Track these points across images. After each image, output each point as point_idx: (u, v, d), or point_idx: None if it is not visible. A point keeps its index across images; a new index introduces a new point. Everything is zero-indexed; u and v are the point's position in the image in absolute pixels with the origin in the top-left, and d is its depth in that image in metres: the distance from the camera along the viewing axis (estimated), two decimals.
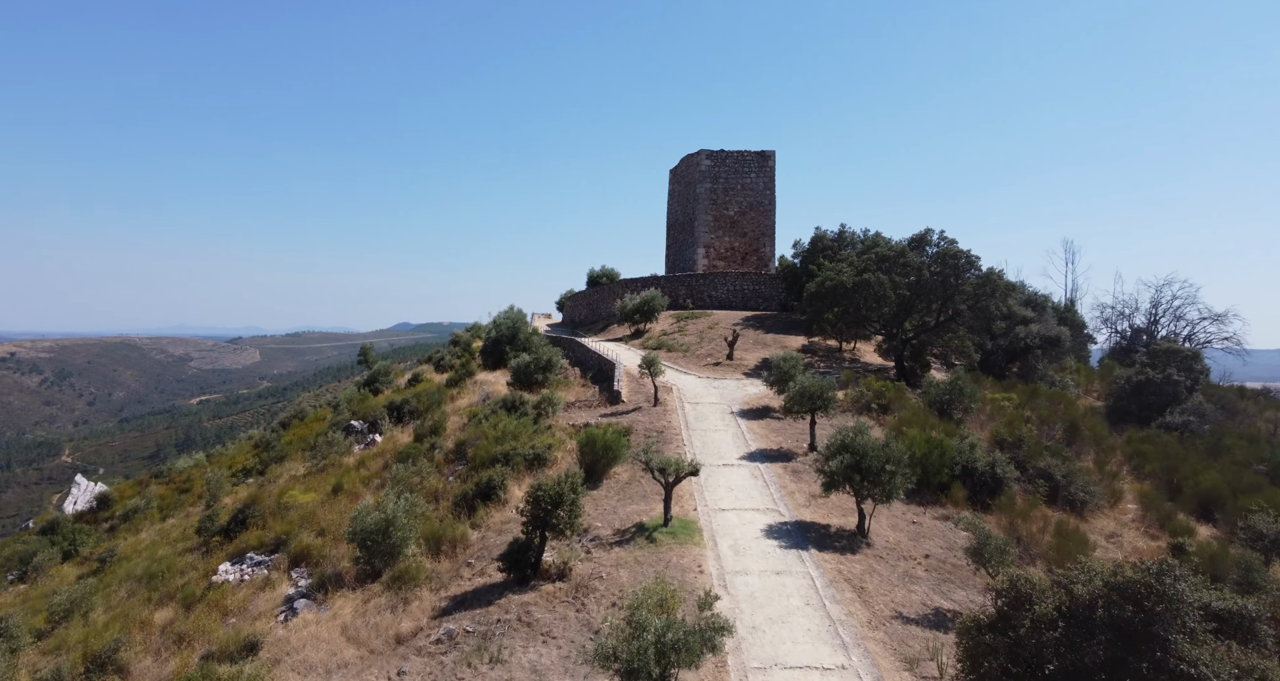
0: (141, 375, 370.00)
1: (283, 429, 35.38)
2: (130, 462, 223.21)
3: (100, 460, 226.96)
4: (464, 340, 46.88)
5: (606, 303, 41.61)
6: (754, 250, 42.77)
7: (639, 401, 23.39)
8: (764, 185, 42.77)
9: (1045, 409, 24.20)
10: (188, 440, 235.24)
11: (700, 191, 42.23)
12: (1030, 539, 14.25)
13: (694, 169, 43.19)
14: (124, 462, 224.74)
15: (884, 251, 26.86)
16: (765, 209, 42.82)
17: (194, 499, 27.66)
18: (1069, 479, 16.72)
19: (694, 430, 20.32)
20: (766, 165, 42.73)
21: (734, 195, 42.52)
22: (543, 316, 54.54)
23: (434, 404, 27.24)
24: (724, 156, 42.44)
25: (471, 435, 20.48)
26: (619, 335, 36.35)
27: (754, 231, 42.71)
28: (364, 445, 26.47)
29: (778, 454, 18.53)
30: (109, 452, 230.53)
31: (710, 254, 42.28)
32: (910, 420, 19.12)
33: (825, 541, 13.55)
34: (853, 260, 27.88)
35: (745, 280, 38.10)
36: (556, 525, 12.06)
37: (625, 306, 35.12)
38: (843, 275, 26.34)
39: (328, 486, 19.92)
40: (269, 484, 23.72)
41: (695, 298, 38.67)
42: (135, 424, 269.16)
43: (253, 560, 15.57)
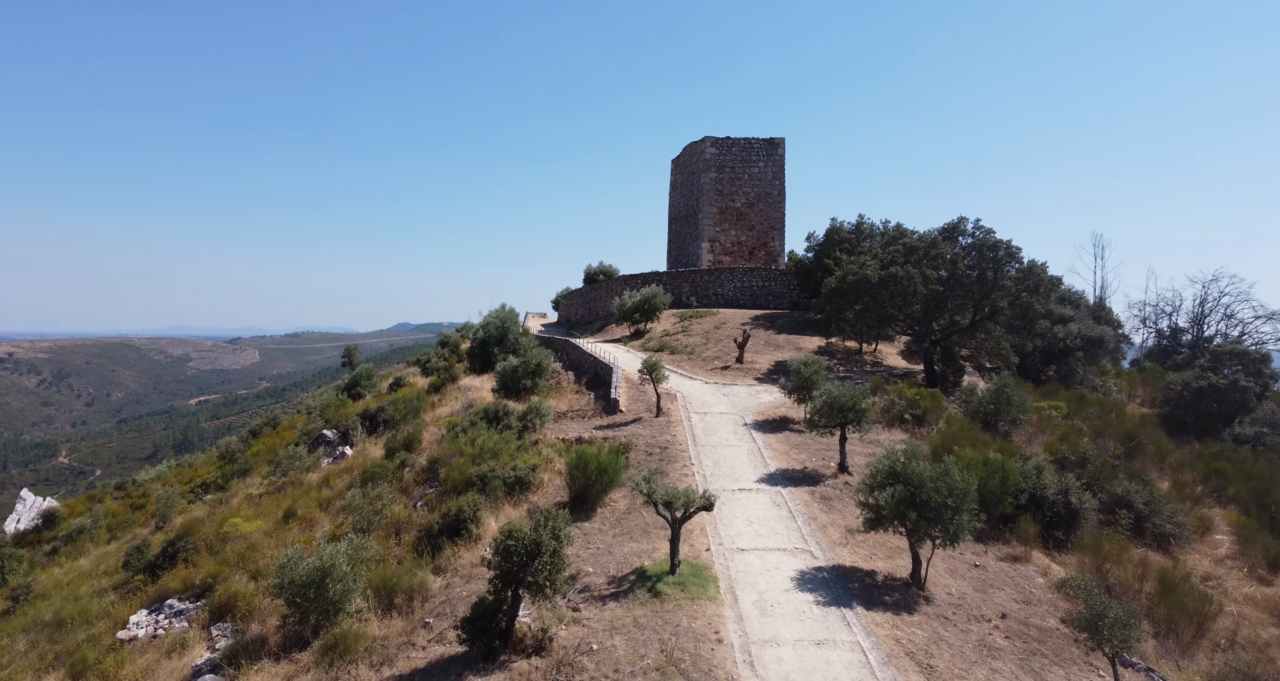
0: (140, 376, 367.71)
1: (253, 437, 32.68)
2: (127, 463, 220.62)
3: (97, 461, 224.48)
4: (452, 341, 44.15)
5: (604, 301, 38.89)
6: (762, 244, 40.02)
7: (639, 411, 20.68)
8: (773, 175, 40.01)
9: (1097, 419, 21.47)
10: (185, 441, 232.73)
11: (705, 182, 39.50)
12: (1123, 587, 11.52)
13: (698, 158, 40.45)
14: (121, 463, 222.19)
15: (912, 242, 24.12)
16: (774, 200, 40.06)
17: (146, 517, 24.96)
18: (1152, 507, 13.98)
19: (703, 446, 17.60)
20: (776, 153, 39.98)
21: (741, 186, 39.77)
22: (537, 316, 51.81)
23: (411, 412, 24.54)
24: (730, 144, 39.70)
25: (446, 452, 17.76)
26: (617, 336, 33.62)
27: (762, 224, 39.95)
28: (333, 458, 23.77)
29: (802, 475, 15.80)
30: (106, 453, 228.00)
31: (715, 249, 39.53)
32: (957, 435, 16.38)
33: (873, 595, 10.82)
34: (877, 253, 25.13)
35: (754, 276, 35.36)
36: (534, 582, 9.35)
37: (624, 305, 32.40)
38: (867, 269, 23.59)
39: (279, 511, 17.20)
40: (220, 505, 21.02)
41: (700, 295, 35.93)
42: (133, 424, 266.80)
43: (173, 609, 12.86)
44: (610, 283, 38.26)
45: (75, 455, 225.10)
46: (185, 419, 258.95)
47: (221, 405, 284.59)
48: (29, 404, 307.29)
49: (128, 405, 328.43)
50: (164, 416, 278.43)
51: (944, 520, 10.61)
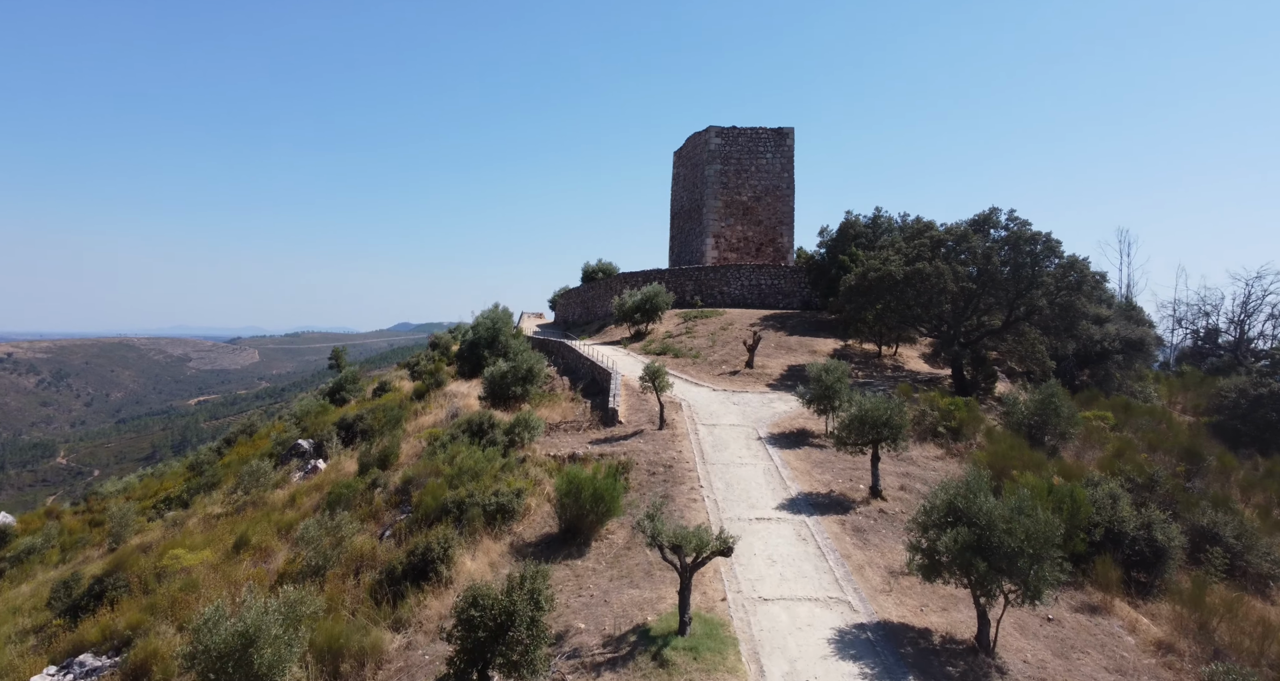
0: (139, 376, 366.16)
1: (227, 446, 30.57)
2: (125, 464, 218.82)
3: (95, 462, 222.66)
4: (443, 342, 42.05)
5: (603, 300, 36.79)
6: (770, 240, 37.89)
7: (640, 422, 18.58)
8: (781, 166, 37.87)
9: (1149, 431, 19.34)
10: (184, 441, 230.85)
11: (709, 174, 37.36)
12: (1238, 651, 9.41)
13: (702, 149, 38.32)
14: (119, 464, 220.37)
15: (940, 236, 22.00)
16: (783, 193, 37.92)
17: (103, 535, 22.87)
18: (1245, 542, 11.86)
19: (713, 464, 15.50)
20: (784, 144, 37.83)
21: (747, 178, 37.63)
22: (533, 316, 49.67)
23: (391, 422, 22.46)
24: (736, 134, 37.56)
25: (421, 470, 15.66)
26: (616, 338, 31.50)
27: (770, 219, 37.82)
28: (305, 472, 21.68)
29: (828, 500, 13.69)
30: (104, 454, 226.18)
31: (720, 245, 37.40)
32: (1005, 454, 14.25)
33: (931, 663, 8.72)
34: (901, 247, 22.99)
35: (762, 274, 33.22)
36: (506, 661, 7.26)
37: (623, 304, 30.29)
38: (891, 265, 21.46)
39: (231, 538, 15.11)
40: (175, 527, 18.93)
41: (704, 294, 33.81)
42: (132, 425, 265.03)
43: (84, 667, 10.77)
44: (609, 281, 36.15)
45: (73, 456, 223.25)
46: (184, 419, 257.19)
47: (220, 405, 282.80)
48: (28, 404, 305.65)
49: (127, 405, 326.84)
50: (163, 417, 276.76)
51: (1020, 571, 8.51)
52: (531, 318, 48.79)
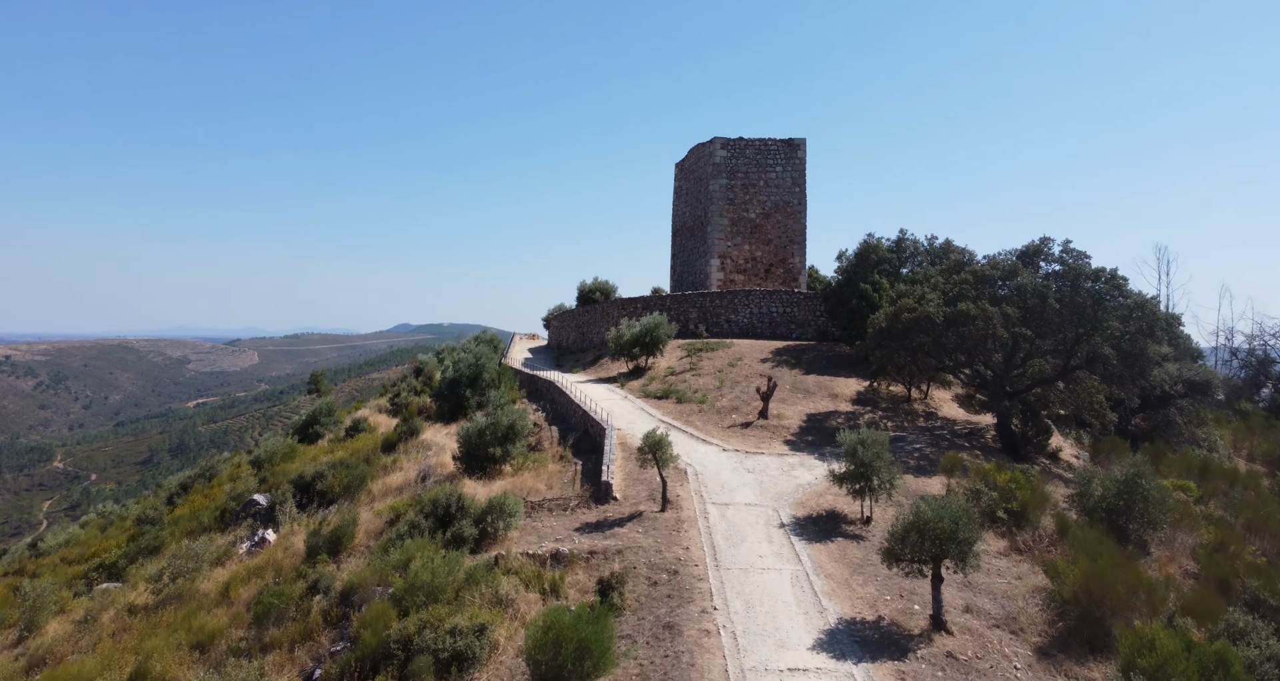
0: (138, 378, 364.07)
1: (183, 492, 27.65)
2: (123, 468, 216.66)
3: (92, 466, 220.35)
4: (429, 368, 39.16)
5: (599, 325, 33.90)
6: (780, 260, 34.97)
7: (639, 497, 15.69)
8: (792, 181, 34.96)
9: (1242, 505, 16.39)
10: (181, 445, 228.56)
11: (714, 189, 34.45)
12: None
13: (706, 162, 35.42)
14: (116, 468, 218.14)
15: (983, 270, 19.06)
16: (794, 210, 35.00)
17: (19, 614, 19.92)
18: None
19: (727, 569, 12.57)
20: (795, 156, 34.92)
21: (756, 193, 34.72)
22: (526, 337, 46.70)
23: (354, 483, 19.58)
24: (743, 146, 34.65)
25: (368, 578, 12.74)
26: (613, 373, 28.57)
27: (780, 237, 34.90)
28: (251, 544, 18.77)
29: (878, 635, 10.75)
30: (101, 458, 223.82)
31: (727, 266, 34.47)
32: (1097, 567, 11.27)
33: None
34: (938, 282, 20.04)
35: (773, 301, 30.30)
36: None
37: (620, 337, 27.37)
38: (928, 304, 18.53)
39: (128, 666, 12.18)
40: (86, 624, 16.00)
41: (710, 322, 30.89)
42: (130, 428, 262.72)
43: None
44: (606, 306, 33.23)
45: (70, 460, 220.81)
46: (183, 422, 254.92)
47: (219, 408, 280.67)
48: (25, 407, 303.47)
49: (125, 408, 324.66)
50: (161, 419, 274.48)
51: None
52: (524, 340, 45.86)
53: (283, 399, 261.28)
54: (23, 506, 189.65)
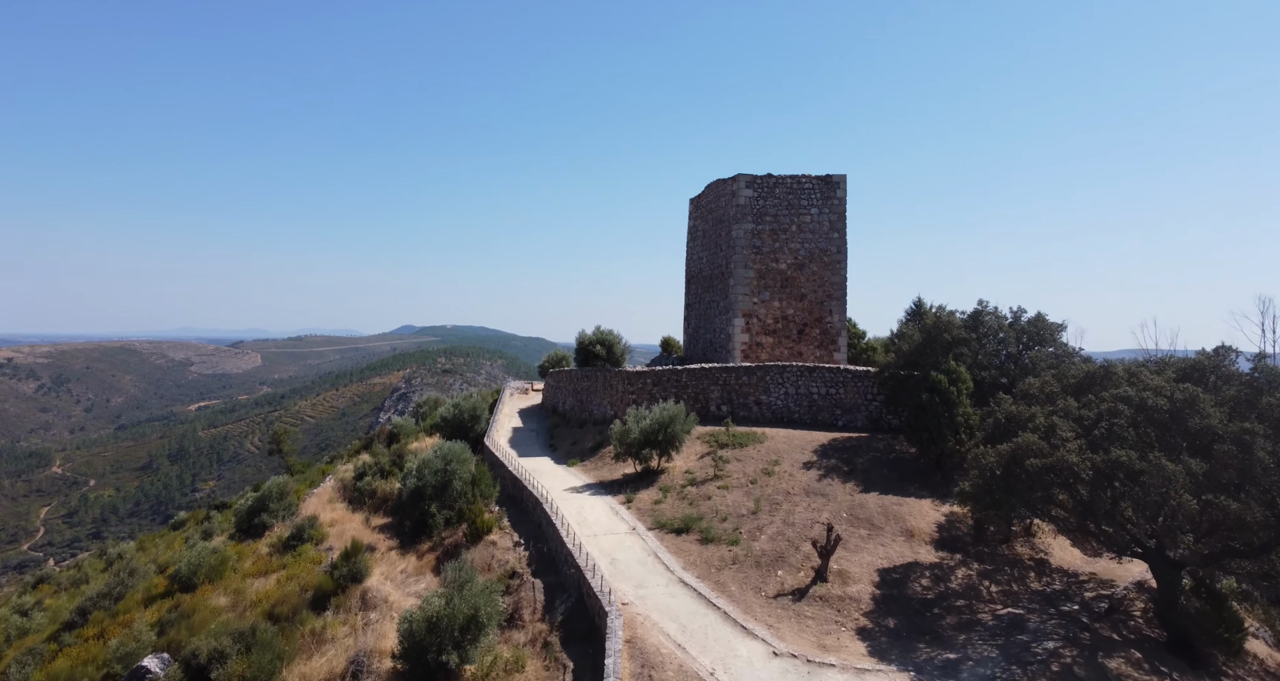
0: (141, 380, 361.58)
1: (82, 619, 22.31)
2: (122, 473, 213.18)
3: (91, 471, 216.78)
4: (406, 433, 33.86)
5: (600, 395, 28.56)
6: (815, 319, 29.51)
7: None
8: (830, 225, 29.49)
9: None
10: (181, 450, 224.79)
11: (738, 235, 29.01)
12: None
13: (728, 202, 29.99)
14: (115, 474, 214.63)
15: (1146, 399, 13.50)
16: (832, 259, 29.54)
17: None
18: None
19: None
20: (834, 196, 29.46)
21: (787, 240, 29.27)
22: (519, 391, 41.19)
23: (264, 670, 14.31)
24: (773, 184, 29.20)
25: None
26: (618, 474, 23.15)
27: (816, 292, 29.44)
28: None
29: None
30: (100, 463, 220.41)
31: (753, 326, 29.03)
32: None
33: None
34: (1068, 407, 14.52)
35: (814, 379, 24.85)
36: None
37: (628, 435, 21.98)
38: (1064, 445, 13.06)
39: None
40: None
41: (735, 403, 25.48)
42: (130, 432, 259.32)
43: None
44: (609, 376, 27.86)
45: (69, 465, 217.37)
46: (183, 426, 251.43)
47: (220, 412, 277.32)
48: (27, 410, 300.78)
49: (127, 410, 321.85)
50: (162, 423, 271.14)
51: None
52: (518, 394, 40.45)
53: (283, 403, 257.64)
54: (20, 513, 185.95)
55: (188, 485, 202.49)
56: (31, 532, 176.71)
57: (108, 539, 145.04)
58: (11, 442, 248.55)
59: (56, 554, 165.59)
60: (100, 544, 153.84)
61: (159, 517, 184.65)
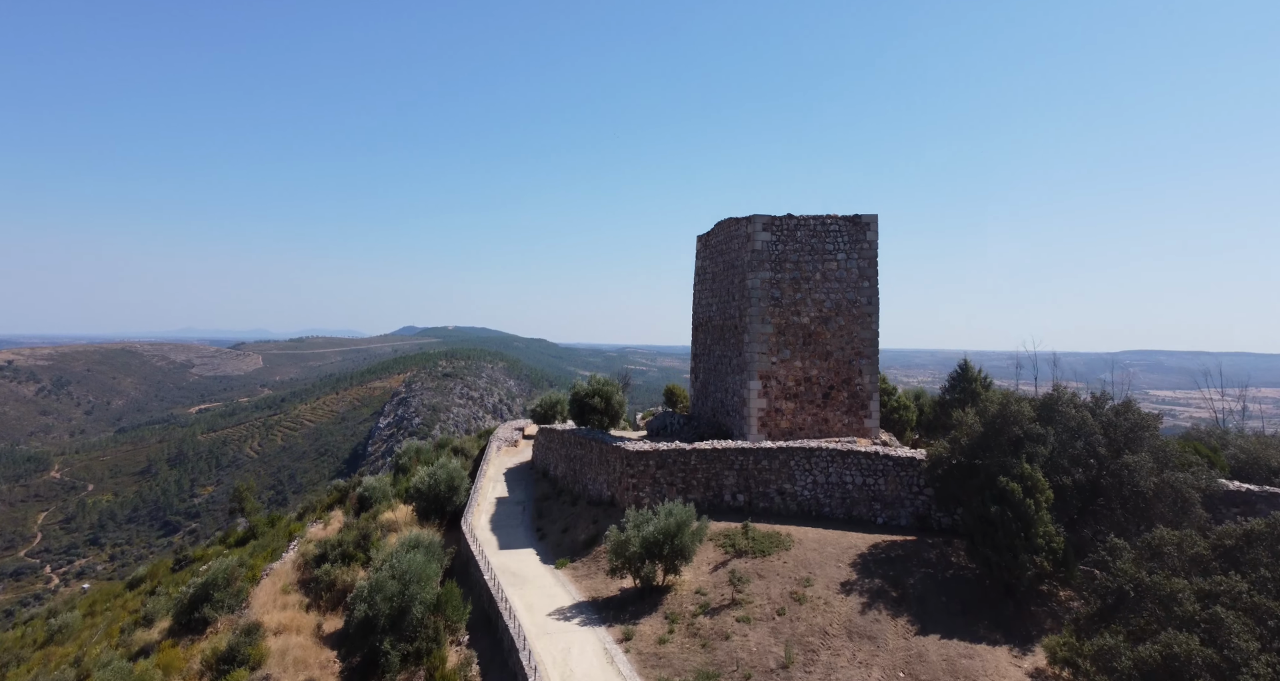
0: (141, 382, 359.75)
1: None
2: (120, 478, 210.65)
3: (90, 476, 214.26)
4: (378, 498, 30.08)
5: (595, 469, 24.79)
6: (843, 380, 25.64)
7: None
8: (859, 272, 25.59)
9: None
10: (180, 455, 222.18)
11: (753, 285, 25.14)
12: None
13: (741, 244, 26.12)
14: (114, 478, 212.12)
15: None
16: (861, 312, 25.64)
17: None
18: None
19: None
20: (863, 240, 25.55)
21: (810, 290, 25.40)
22: (506, 447, 37.23)
23: None
24: (794, 226, 25.30)
25: None
26: (614, 590, 19.27)
27: (844, 350, 25.56)
28: None
29: None
30: (99, 467, 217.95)
31: (772, 389, 25.17)
32: None
33: None
34: (1255, 595, 10.62)
35: (848, 466, 20.98)
36: None
37: (627, 547, 18.14)
38: (1255, 673, 9.16)
39: None
40: None
41: (754, 493, 21.64)
42: (129, 435, 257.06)
43: None
44: (604, 449, 24.03)
45: (68, 469, 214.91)
46: (182, 430, 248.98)
47: (220, 415, 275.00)
48: (27, 413, 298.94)
49: (128, 413, 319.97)
50: (162, 426, 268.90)
51: None
52: (505, 449, 36.56)
53: (283, 407, 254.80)
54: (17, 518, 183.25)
55: (186, 490, 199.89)
56: (29, 538, 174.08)
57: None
58: (11, 446, 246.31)
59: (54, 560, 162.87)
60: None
61: (157, 523, 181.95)
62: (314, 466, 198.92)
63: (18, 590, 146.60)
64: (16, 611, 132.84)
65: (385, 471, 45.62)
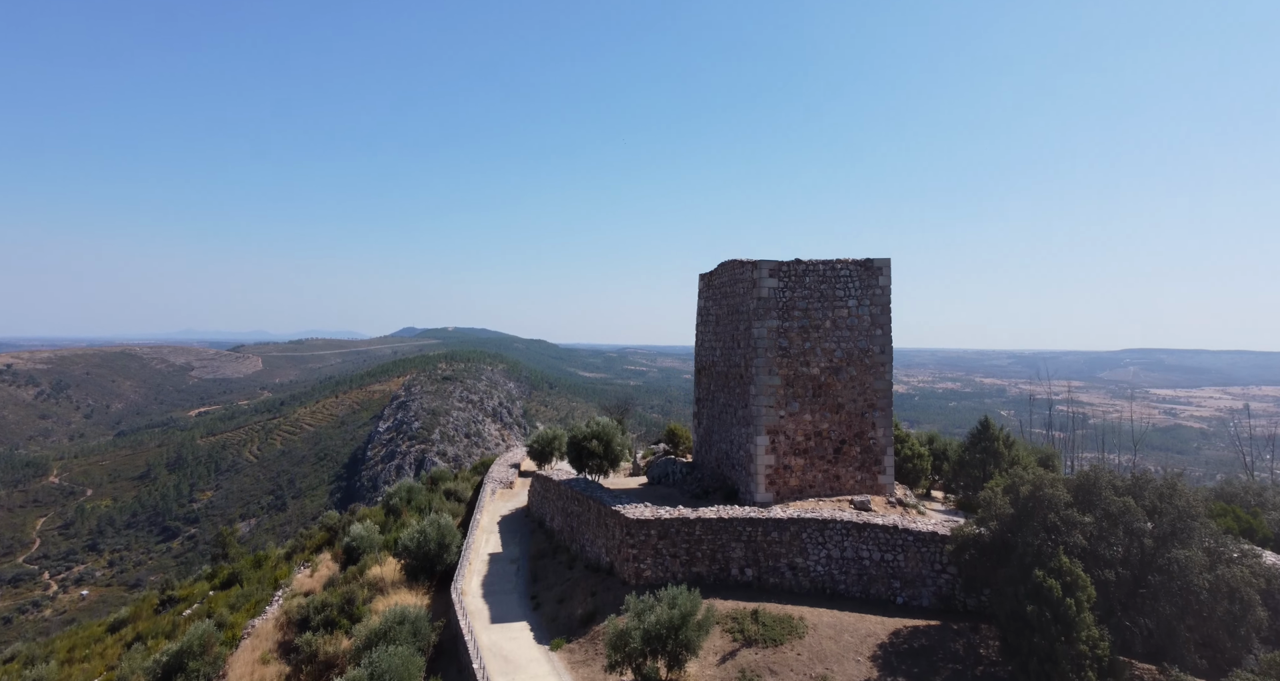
0: (141, 386, 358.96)
1: None
2: (119, 483, 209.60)
3: (89, 481, 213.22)
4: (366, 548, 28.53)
5: (593, 528, 23.34)
6: (855, 434, 24.14)
7: None
8: (871, 320, 24.10)
9: None
10: (179, 459, 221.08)
11: (760, 334, 23.63)
12: None
13: (746, 290, 24.61)
14: (113, 483, 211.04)
15: None
16: (874, 361, 24.14)
17: None
18: None
19: None
20: (875, 285, 24.04)
21: (820, 339, 23.89)
22: (502, 489, 35.67)
23: None
24: (802, 272, 23.78)
25: None
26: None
27: (856, 402, 24.06)
28: None
29: None
30: (98, 472, 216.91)
31: (780, 444, 23.68)
32: None
33: None
34: None
35: (865, 540, 19.49)
36: None
37: (628, 642, 16.65)
38: None
39: None
40: None
41: (764, 567, 20.15)
42: (128, 439, 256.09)
43: None
44: (603, 512, 22.54)
45: (66, 474, 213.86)
46: (181, 434, 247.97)
47: (219, 419, 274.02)
48: (26, 417, 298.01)
49: (127, 416, 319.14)
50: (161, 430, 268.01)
51: None
52: (500, 492, 35.06)
53: (282, 410, 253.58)
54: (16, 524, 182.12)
55: (185, 495, 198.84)
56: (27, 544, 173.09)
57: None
58: (10, 450, 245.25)
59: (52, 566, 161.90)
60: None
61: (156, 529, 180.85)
62: (313, 471, 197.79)
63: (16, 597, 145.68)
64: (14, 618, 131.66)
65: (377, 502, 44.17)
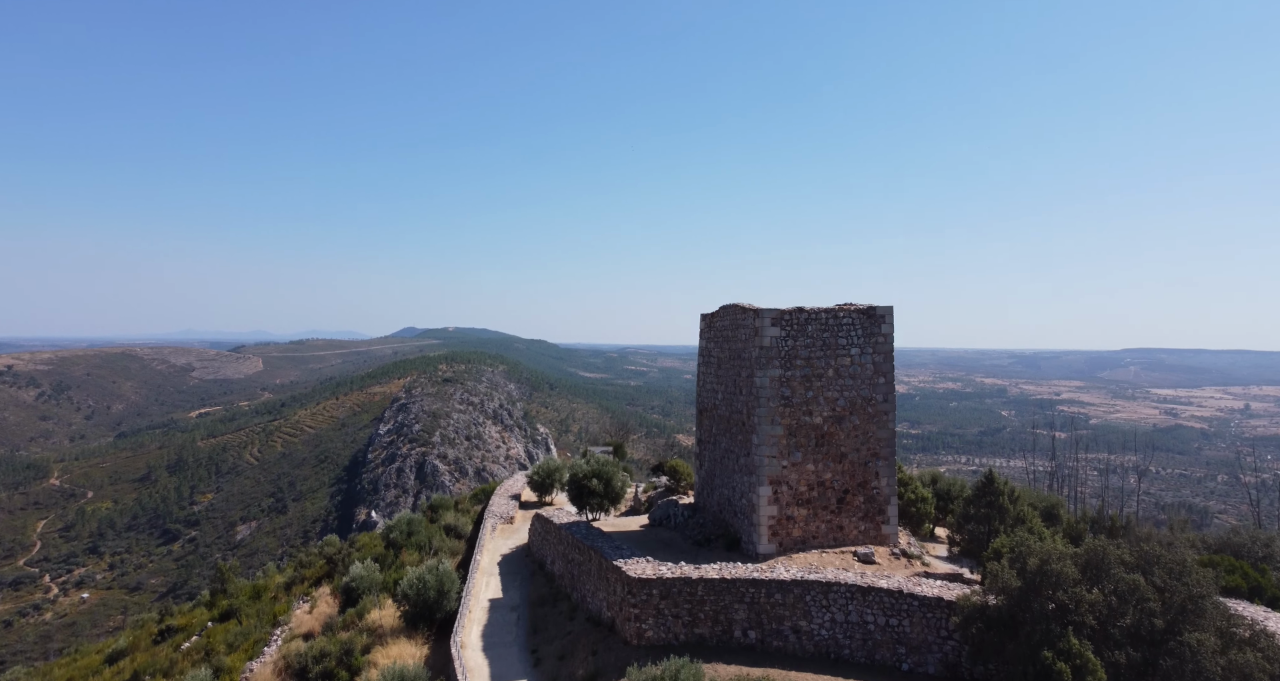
0: (141, 387, 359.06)
1: None
2: (120, 485, 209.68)
3: (89, 483, 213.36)
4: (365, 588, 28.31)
5: (594, 580, 23.11)
6: (858, 484, 23.87)
7: None
8: (874, 368, 23.80)
9: None
10: (179, 462, 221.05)
11: (762, 383, 23.34)
12: None
13: (748, 337, 24.32)
14: (114, 485, 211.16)
15: None
16: (877, 410, 23.85)
17: None
18: None
19: None
20: (878, 333, 23.74)
21: (823, 388, 23.60)
22: (503, 525, 35.34)
23: None
24: (804, 320, 23.48)
25: None
26: None
27: (859, 451, 23.78)
28: None
29: None
30: (98, 474, 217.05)
31: (782, 495, 23.41)
32: None
33: None
34: None
35: (869, 604, 19.23)
36: None
37: None
38: None
39: None
40: None
41: (767, 629, 19.90)
42: (128, 441, 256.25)
43: None
44: (605, 567, 22.30)
45: (67, 477, 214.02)
46: (182, 436, 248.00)
47: (219, 421, 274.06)
48: (26, 418, 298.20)
49: (128, 417, 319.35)
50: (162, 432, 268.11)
51: None
52: (501, 528, 34.76)
53: (282, 412, 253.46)
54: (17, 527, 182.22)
55: (186, 497, 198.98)
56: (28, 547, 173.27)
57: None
58: (11, 452, 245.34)
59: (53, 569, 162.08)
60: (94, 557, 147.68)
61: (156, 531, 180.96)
62: (314, 473, 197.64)
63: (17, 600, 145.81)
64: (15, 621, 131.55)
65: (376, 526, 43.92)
